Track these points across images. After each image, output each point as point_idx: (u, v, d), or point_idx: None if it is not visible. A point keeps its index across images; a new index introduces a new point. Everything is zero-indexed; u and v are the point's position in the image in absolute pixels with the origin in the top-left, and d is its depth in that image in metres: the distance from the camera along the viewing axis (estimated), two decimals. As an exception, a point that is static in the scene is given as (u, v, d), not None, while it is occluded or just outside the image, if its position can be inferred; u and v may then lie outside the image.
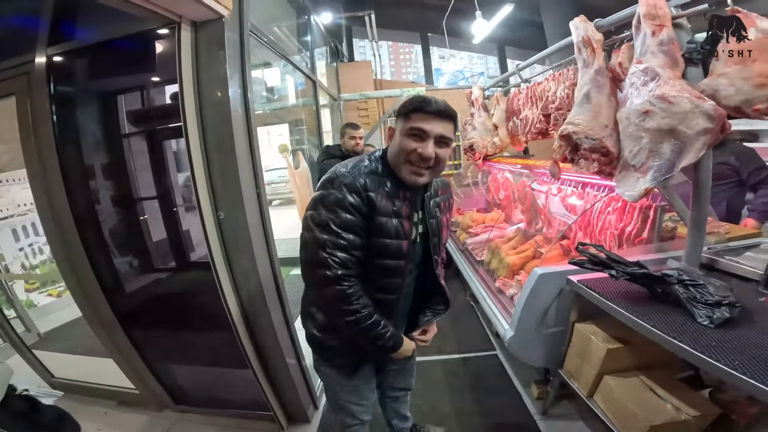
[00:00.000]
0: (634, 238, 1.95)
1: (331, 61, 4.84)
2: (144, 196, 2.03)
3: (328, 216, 1.06)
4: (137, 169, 2.03)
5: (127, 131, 1.99)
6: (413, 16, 10.21)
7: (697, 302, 1.23)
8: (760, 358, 1.00)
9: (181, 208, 2.08)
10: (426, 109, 1.09)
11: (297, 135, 3.94)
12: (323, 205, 1.08)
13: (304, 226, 1.12)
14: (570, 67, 2.20)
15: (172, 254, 2.14)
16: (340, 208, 1.06)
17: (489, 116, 3.78)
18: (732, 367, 0.98)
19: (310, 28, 3.37)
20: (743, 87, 1.20)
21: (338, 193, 1.07)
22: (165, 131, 1.99)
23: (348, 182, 1.07)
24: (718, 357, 1.03)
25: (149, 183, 2.03)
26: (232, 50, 1.60)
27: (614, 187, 2.01)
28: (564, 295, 1.72)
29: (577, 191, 2.39)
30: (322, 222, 1.07)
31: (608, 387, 1.48)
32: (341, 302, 1.09)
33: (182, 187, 2.08)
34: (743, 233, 1.96)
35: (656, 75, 1.36)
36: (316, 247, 1.07)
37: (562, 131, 1.83)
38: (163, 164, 2.01)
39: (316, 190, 1.14)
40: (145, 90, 1.99)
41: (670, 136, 1.35)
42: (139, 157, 2.03)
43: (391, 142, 1.18)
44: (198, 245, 2.05)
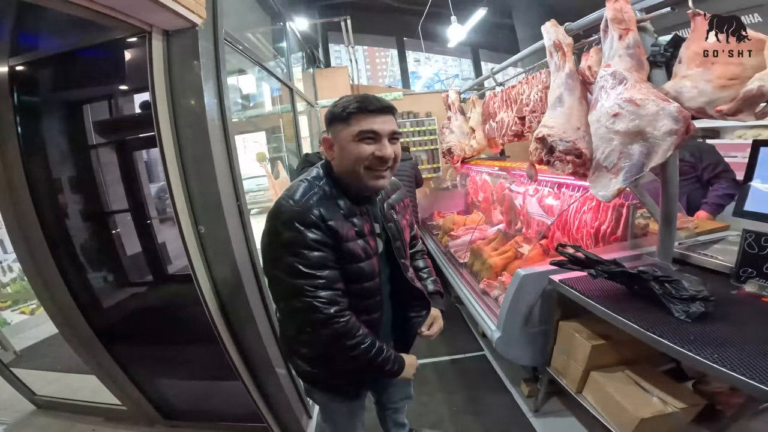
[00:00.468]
0: (610, 235, 2.02)
1: (307, 67, 4.81)
2: (117, 208, 1.97)
3: (294, 260, 0.98)
4: (108, 182, 1.96)
5: (95, 142, 1.92)
6: (389, 21, 10.27)
7: (673, 298, 1.28)
8: (736, 350, 1.05)
9: (155, 220, 2.02)
10: (370, 109, 1.02)
11: (274, 142, 3.89)
12: (283, 246, 0.99)
13: (269, 266, 1.05)
14: (542, 70, 2.26)
15: (149, 267, 2.08)
16: (303, 248, 0.98)
17: (466, 119, 3.84)
18: (712, 360, 1.02)
19: (285, 35, 3.34)
20: (705, 89, 1.26)
21: (295, 233, 0.98)
22: (137, 141, 1.93)
23: (302, 219, 0.98)
24: (697, 351, 1.07)
25: (123, 195, 1.96)
26: (206, 59, 1.57)
27: (588, 187, 2.09)
28: (547, 294, 1.76)
29: (554, 192, 2.45)
30: (290, 268, 0.99)
31: (596, 382, 1.53)
32: (342, 339, 1.03)
33: (156, 198, 2.02)
34: (711, 227, 2.06)
35: (624, 78, 1.41)
36: (297, 295, 1.00)
37: (537, 134, 1.88)
38: (136, 175, 1.95)
39: (272, 230, 1.03)
40: (114, 100, 1.92)
41: (639, 138, 1.40)
42: (110, 169, 1.96)
43: (333, 154, 1.08)
44: (175, 257, 2.00)
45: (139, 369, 2.09)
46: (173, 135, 1.57)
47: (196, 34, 1.53)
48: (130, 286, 2.11)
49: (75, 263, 1.94)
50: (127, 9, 1.35)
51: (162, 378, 2.16)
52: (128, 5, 1.33)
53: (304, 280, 0.98)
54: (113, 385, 2.11)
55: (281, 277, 1.01)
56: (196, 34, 1.54)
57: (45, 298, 1.95)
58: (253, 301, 1.76)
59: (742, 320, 1.21)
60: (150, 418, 2.19)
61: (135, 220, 1.98)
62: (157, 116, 1.52)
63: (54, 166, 1.89)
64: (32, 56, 1.78)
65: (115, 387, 2.11)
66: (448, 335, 2.92)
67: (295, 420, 2.01)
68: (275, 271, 1.03)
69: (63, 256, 1.88)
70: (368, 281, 1.12)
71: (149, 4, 1.30)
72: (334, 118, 1.06)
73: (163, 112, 1.54)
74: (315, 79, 4.75)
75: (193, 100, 1.55)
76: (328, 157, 1.11)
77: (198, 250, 1.64)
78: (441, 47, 10.93)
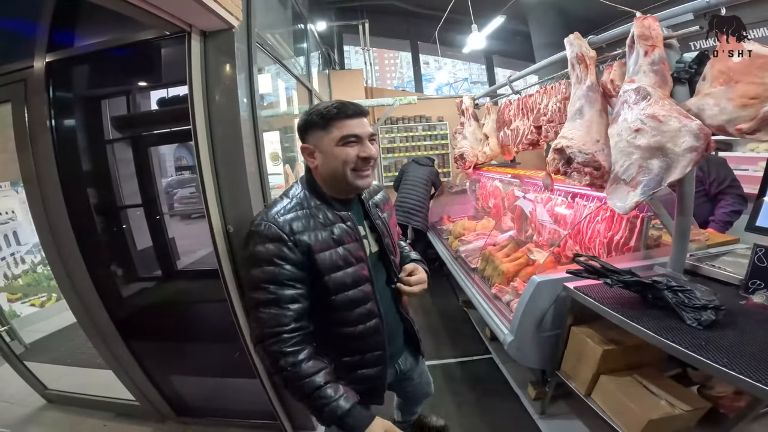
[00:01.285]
0: (623, 246, 2.06)
1: (323, 68, 4.87)
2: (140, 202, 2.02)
3: (254, 272, 1.00)
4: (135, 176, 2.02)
5: (122, 136, 1.98)
6: (404, 25, 10.35)
7: (686, 306, 1.33)
8: (744, 355, 1.11)
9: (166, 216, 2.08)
10: (348, 113, 1.07)
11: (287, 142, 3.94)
12: (249, 262, 1.02)
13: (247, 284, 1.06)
14: (562, 81, 2.30)
15: (170, 262, 2.13)
16: (264, 262, 0.99)
17: (479, 126, 3.89)
18: (721, 364, 1.08)
19: (306, 36, 3.40)
20: (727, 107, 1.30)
21: (260, 246, 1.00)
22: (168, 137, 1.98)
23: (267, 233, 1.00)
24: (708, 355, 1.13)
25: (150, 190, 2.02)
26: (241, 60, 1.63)
27: (602, 197, 2.13)
28: (560, 300, 1.80)
29: (566, 201, 2.49)
30: (251, 281, 1.02)
31: (605, 386, 1.57)
32: (275, 362, 1.00)
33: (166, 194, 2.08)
34: (721, 240, 2.10)
35: (648, 94, 1.46)
36: (250, 307, 1.02)
37: (556, 145, 1.93)
38: (161, 171, 2.01)
39: (243, 247, 1.06)
40: (145, 97, 1.99)
41: (659, 153, 1.45)
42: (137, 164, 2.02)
43: (315, 161, 1.10)
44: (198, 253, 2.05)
45: (154, 364, 2.12)
46: (207, 133, 1.62)
47: (232, 36, 1.59)
48: (150, 280, 2.17)
49: (100, 256, 1.98)
50: (171, 9, 1.40)
51: (176, 374, 2.20)
52: (174, 5, 1.38)
53: (258, 294, 1.00)
54: (128, 379, 2.12)
55: (246, 291, 1.03)
56: (232, 35, 1.59)
57: (68, 291, 1.97)
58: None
59: (749, 328, 1.27)
60: (162, 414, 2.21)
61: (160, 215, 2.04)
62: (194, 116, 1.57)
63: (84, 160, 1.94)
64: (68, 53, 1.83)
65: (129, 382, 2.13)
66: (456, 338, 2.98)
67: (307, 419, 2.05)
68: (245, 286, 1.04)
69: (89, 248, 1.91)
70: (354, 288, 1.10)
71: (194, 5, 1.36)
72: (312, 127, 1.09)
73: (199, 110, 1.59)
74: (330, 80, 4.82)
75: (228, 100, 1.61)
76: (310, 165, 1.13)
77: (226, 247, 1.69)
78: (455, 52, 10.99)
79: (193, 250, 2.77)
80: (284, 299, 1.00)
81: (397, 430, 1.05)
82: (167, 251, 2.17)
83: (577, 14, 6.42)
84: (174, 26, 1.51)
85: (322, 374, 1.01)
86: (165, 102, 2.03)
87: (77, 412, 2.30)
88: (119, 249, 2.08)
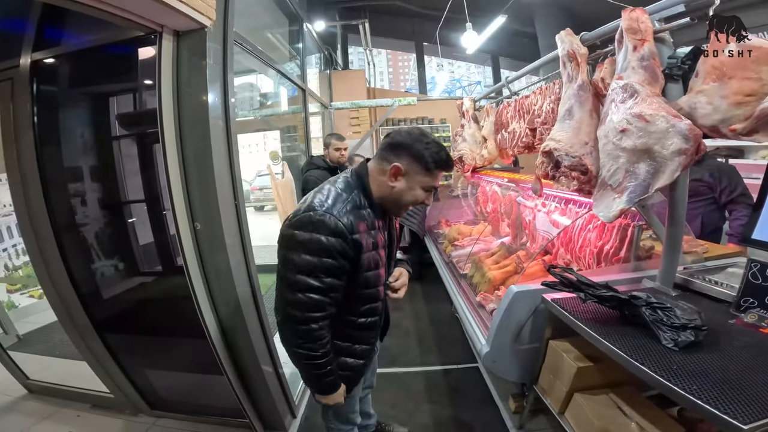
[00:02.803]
0: (612, 256, 1.96)
1: (324, 69, 4.86)
2: (125, 200, 2.03)
3: (310, 259, 1.05)
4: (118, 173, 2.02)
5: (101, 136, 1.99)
6: (408, 25, 10.27)
7: (663, 325, 1.23)
8: (718, 383, 1.00)
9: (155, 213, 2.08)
10: (445, 167, 1.17)
11: (288, 142, 3.94)
12: (306, 249, 1.05)
13: (285, 266, 1.09)
14: (556, 80, 2.21)
15: (146, 259, 2.13)
16: (324, 252, 1.06)
17: (479, 128, 3.80)
18: (689, 392, 0.98)
19: (301, 36, 3.38)
20: (721, 105, 1.18)
21: (323, 237, 1.05)
22: (142, 137, 1.98)
23: (333, 227, 1.06)
24: (676, 381, 1.03)
25: (131, 187, 2.02)
26: (213, 60, 1.61)
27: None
28: (539, 312, 1.71)
29: (561, 208, 2.40)
30: (304, 265, 1.06)
31: (578, 405, 1.48)
32: (307, 341, 1.11)
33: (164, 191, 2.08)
34: (722, 252, 1.97)
35: (635, 92, 1.35)
36: (293, 287, 1.08)
37: (544, 147, 1.84)
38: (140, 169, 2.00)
39: (295, 227, 1.08)
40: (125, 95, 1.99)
41: (646, 156, 1.35)
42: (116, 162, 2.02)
43: (395, 183, 1.16)
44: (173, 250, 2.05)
45: (129, 358, 2.15)
46: (176, 132, 1.61)
47: (204, 36, 1.58)
48: (127, 276, 2.18)
49: (77, 252, 2.00)
50: (139, 10, 1.40)
51: (150, 368, 2.21)
52: (140, 7, 1.38)
53: (308, 279, 1.06)
54: (103, 372, 2.16)
55: (293, 271, 1.07)
56: (204, 35, 1.58)
57: (46, 284, 2.02)
58: (244, 300, 1.79)
59: (732, 351, 1.16)
60: (136, 407, 2.24)
61: (142, 212, 2.04)
62: (161, 114, 1.56)
63: (64, 157, 1.96)
64: (52, 52, 1.85)
65: (104, 374, 2.17)
66: (443, 345, 2.91)
67: (278, 418, 2.03)
68: (291, 267, 1.07)
69: (67, 243, 1.95)
70: (373, 288, 1.22)
71: (158, 6, 1.35)
72: (417, 160, 1.14)
73: (168, 109, 1.58)
74: (331, 80, 4.80)
75: (198, 99, 1.59)
76: (389, 182, 1.17)
77: (192, 245, 1.67)
78: (460, 54, 10.85)
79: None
80: (330, 289, 1.09)
81: None
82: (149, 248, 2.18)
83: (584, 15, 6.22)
84: (145, 27, 1.51)
85: (332, 356, 1.19)
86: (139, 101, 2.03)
87: (54, 402, 2.36)
88: (98, 244, 2.09)
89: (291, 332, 1.12)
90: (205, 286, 1.75)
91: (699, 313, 1.26)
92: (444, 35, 8.41)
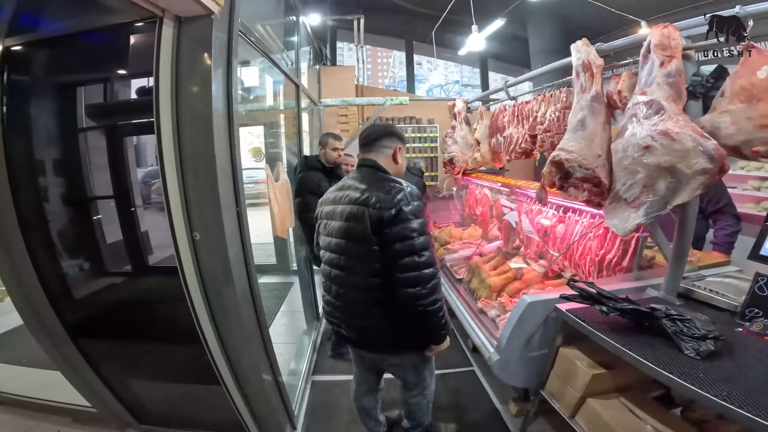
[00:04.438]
0: (615, 265, 1.99)
1: (313, 63, 4.72)
2: (98, 195, 1.86)
3: (422, 220, 1.37)
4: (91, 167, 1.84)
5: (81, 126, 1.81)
6: (400, 23, 10.16)
7: (684, 335, 1.26)
8: (745, 389, 1.06)
9: (139, 208, 1.92)
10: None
11: (271, 138, 3.77)
12: (414, 213, 1.35)
13: (404, 239, 1.33)
14: (563, 89, 2.21)
15: (127, 258, 1.97)
16: (422, 213, 1.39)
17: (471, 130, 3.80)
18: (721, 398, 1.03)
19: (297, 29, 3.24)
20: (746, 127, 1.21)
21: (416, 202, 1.38)
22: (129, 129, 1.82)
23: (417, 195, 1.40)
24: (707, 389, 1.07)
25: (104, 182, 1.85)
26: (218, 51, 1.48)
27: (595, 213, 2.06)
28: (550, 321, 1.72)
29: (557, 215, 2.42)
30: (422, 228, 1.36)
31: (592, 409, 1.51)
32: (438, 292, 1.39)
33: (141, 185, 1.92)
34: (712, 261, 2.05)
35: (661, 108, 1.36)
36: (420, 249, 1.34)
37: (555, 157, 1.82)
38: (120, 162, 1.84)
39: (396, 205, 1.35)
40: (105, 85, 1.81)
41: (668, 174, 1.36)
42: (94, 155, 1.84)
43: (399, 160, 1.57)
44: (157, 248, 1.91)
45: (111, 368, 1.97)
46: (173, 130, 1.47)
47: (210, 23, 1.44)
48: (105, 277, 1.99)
49: (48, 250, 1.82)
50: (140, -9, 1.26)
51: (137, 379, 2.05)
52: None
53: (424, 237, 1.36)
54: (82, 384, 1.99)
55: (416, 242, 1.33)
56: (210, 23, 1.45)
57: (11, 285, 1.83)
58: (244, 306, 1.68)
59: (747, 359, 1.22)
60: (122, 421, 2.08)
61: (117, 208, 1.87)
62: (158, 109, 1.43)
63: (35, 149, 1.77)
64: (29, 38, 1.66)
65: (83, 386, 1.99)
66: (438, 349, 2.88)
67: (278, 430, 1.94)
68: (408, 240, 1.33)
69: (36, 241, 1.76)
70: None
71: (164, -13, 1.22)
72: (401, 138, 1.61)
73: (165, 105, 1.44)
74: (320, 76, 4.66)
75: (200, 94, 1.46)
76: (399, 160, 1.57)
77: (191, 256, 1.55)
78: (450, 54, 10.88)
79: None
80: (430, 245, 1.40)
81: None
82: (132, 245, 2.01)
83: (579, 22, 6.34)
84: (145, 10, 1.36)
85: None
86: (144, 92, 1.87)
87: (30, 415, 2.16)
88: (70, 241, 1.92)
89: (430, 290, 1.35)
90: (201, 290, 1.62)
91: (715, 323, 1.29)
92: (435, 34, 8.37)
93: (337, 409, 2.25)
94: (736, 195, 2.72)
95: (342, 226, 1.45)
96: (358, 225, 1.38)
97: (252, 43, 1.93)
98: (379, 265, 1.38)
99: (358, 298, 1.47)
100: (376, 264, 1.38)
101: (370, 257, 1.38)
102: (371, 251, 1.37)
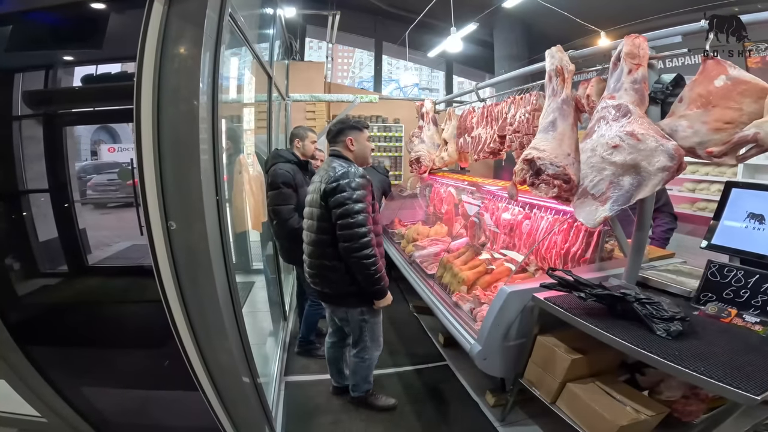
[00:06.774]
0: (579, 257, 2.15)
1: (282, 57, 4.59)
2: (39, 187, 1.69)
3: (359, 192, 1.78)
4: (30, 158, 1.67)
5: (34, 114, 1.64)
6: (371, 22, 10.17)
7: (654, 318, 1.39)
8: (719, 364, 1.18)
9: (77, 204, 1.78)
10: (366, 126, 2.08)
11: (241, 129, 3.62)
12: (353, 188, 1.78)
13: (343, 204, 1.76)
14: (533, 92, 2.35)
15: (79, 254, 1.81)
16: (362, 188, 1.81)
17: (438, 131, 3.91)
18: (700, 373, 1.15)
19: (274, 20, 3.15)
20: (701, 129, 1.37)
21: (359, 179, 1.81)
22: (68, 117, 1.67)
23: (361, 174, 1.84)
24: (685, 365, 1.19)
25: (44, 174, 1.69)
26: (209, 32, 1.41)
27: (560, 209, 2.22)
28: (527, 310, 1.82)
29: (523, 211, 2.57)
30: (358, 199, 1.77)
31: (573, 393, 1.60)
32: (369, 247, 1.80)
33: (78, 179, 1.78)
34: (660, 254, 2.28)
35: (628, 112, 1.50)
36: (354, 212, 1.76)
37: (527, 155, 1.94)
38: (64, 153, 1.69)
39: (338, 180, 1.79)
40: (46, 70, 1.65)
41: (633, 171, 1.51)
42: (36, 145, 1.68)
43: (353, 148, 1.98)
44: (95, 247, 1.78)
45: (64, 375, 1.79)
46: (153, 114, 1.37)
47: (205, 1, 1.37)
48: (53, 276, 1.85)
49: None
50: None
51: (94, 386, 1.88)
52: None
53: (359, 203, 1.77)
54: (29, 392, 1.78)
55: (350, 207, 1.76)
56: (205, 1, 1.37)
57: None
58: (224, 305, 1.60)
59: (712, 337, 1.37)
60: None
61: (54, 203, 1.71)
62: (138, 93, 1.32)
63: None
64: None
65: (31, 395, 1.78)
66: (409, 345, 2.93)
67: (258, 432, 1.87)
68: (346, 206, 1.76)
69: None
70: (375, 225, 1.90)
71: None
72: (355, 128, 2.00)
73: (147, 87, 1.34)
74: (289, 71, 4.55)
75: (187, 78, 1.37)
76: (351, 149, 1.98)
77: (165, 246, 1.45)
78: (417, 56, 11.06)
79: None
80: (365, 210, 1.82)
81: None
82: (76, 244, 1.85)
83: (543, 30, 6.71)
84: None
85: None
86: (90, 79, 1.72)
87: None
88: (11, 236, 1.73)
89: (361, 245, 1.77)
90: (177, 290, 1.52)
91: (679, 306, 1.45)
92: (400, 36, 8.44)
93: (315, 409, 2.20)
94: (673, 196, 3.04)
95: (310, 199, 1.95)
96: (315, 195, 1.87)
97: (238, 29, 1.86)
98: (327, 225, 1.83)
99: (315, 250, 1.94)
100: (326, 224, 1.84)
101: (322, 219, 1.85)
102: (322, 214, 1.84)
